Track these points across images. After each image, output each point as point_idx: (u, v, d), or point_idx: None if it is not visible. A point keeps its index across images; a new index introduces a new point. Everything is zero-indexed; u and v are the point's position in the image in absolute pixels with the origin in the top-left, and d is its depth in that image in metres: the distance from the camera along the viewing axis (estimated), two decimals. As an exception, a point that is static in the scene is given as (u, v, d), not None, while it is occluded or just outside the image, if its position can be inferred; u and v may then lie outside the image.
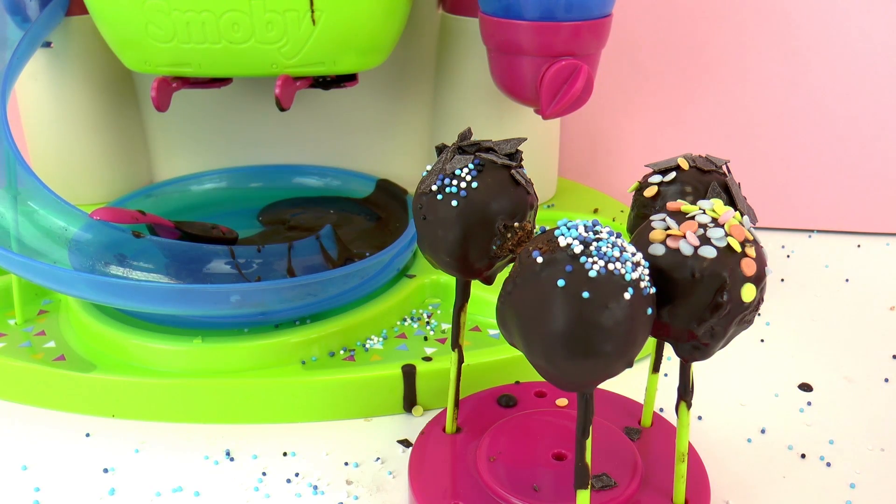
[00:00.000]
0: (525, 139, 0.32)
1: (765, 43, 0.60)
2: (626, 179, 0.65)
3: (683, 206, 0.28)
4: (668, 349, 0.44)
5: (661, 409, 0.41)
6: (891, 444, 0.39)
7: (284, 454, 0.39)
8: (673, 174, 0.32)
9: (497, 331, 0.46)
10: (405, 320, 0.47)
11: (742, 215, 0.28)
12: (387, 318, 0.46)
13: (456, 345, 0.35)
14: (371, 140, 0.60)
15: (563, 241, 0.25)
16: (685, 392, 0.31)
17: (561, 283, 0.25)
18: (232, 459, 0.39)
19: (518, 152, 0.32)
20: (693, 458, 0.35)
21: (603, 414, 0.37)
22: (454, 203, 0.30)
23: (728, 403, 0.43)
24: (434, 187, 0.31)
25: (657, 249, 0.27)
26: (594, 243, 0.25)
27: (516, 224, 0.31)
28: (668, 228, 0.27)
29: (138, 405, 0.41)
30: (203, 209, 0.57)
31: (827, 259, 0.59)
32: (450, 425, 0.37)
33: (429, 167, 0.32)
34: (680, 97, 0.63)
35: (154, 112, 0.60)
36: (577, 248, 0.25)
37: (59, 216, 0.42)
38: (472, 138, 0.32)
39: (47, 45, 0.54)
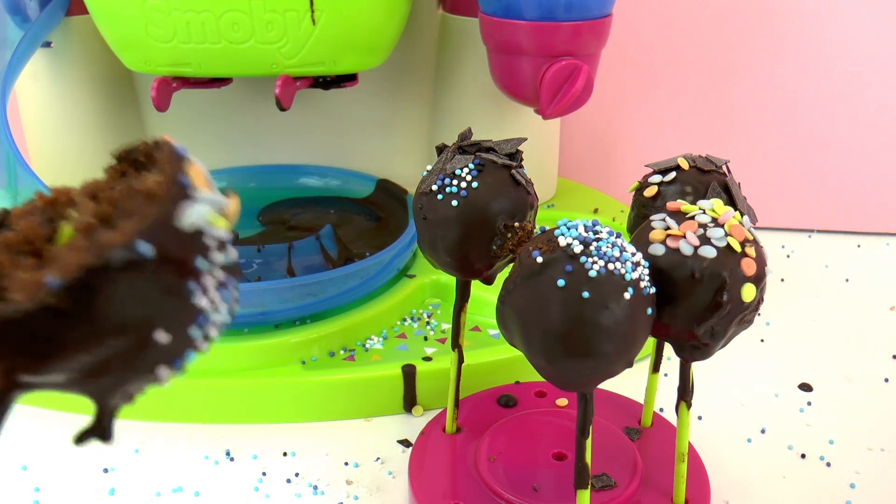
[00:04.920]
0: (525, 139, 0.32)
1: (765, 43, 0.60)
2: (626, 179, 0.65)
3: (683, 206, 0.28)
4: (668, 349, 0.44)
5: (661, 409, 0.41)
6: (891, 444, 0.39)
7: (284, 454, 0.39)
8: (673, 174, 0.32)
9: (497, 331, 0.46)
10: (405, 320, 0.47)
11: (742, 215, 0.28)
12: (387, 318, 0.46)
13: (456, 345, 0.35)
14: (371, 140, 0.60)
15: (563, 241, 0.25)
16: (685, 392, 0.31)
17: (561, 283, 0.25)
18: (232, 459, 0.39)
19: (518, 152, 0.32)
20: (693, 458, 0.35)
21: (603, 414, 0.37)
22: (454, 203, 0.30)
23: (728, 403, 0.43)
24: (434, 187, 0.31)
25: (657, 249, 0.27)
26: (594, 243, 0.25)
27: (516, 224, 0.31)
28: (668, 228, 0.27)
29: (138, 405, 0.41)
30: (203, 209, 0.57)
31: (827, 259, 0.59)
32: (450, 425, 0.37)
33: (429, 167, 0.32)
34: (680, 97, 0.63)
35: (154, 112, 0.60)
36: (577, 248, 0.25)
37: (59, 216, 0.42)
38: (472, 138, 0.32)
39: (47, 45, 0.54)
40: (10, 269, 0.15)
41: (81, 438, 0.16)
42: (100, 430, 0.16)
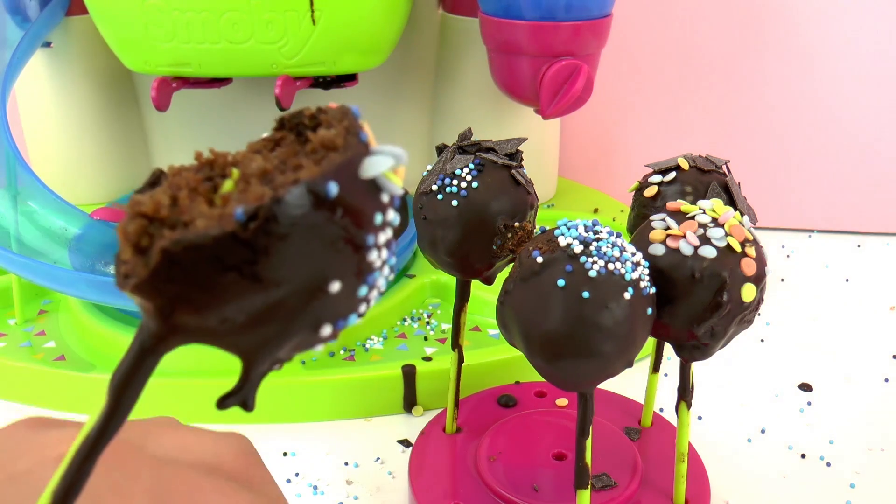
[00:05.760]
0: (525, 139, 0.32)
1: (765, 43, 0.60)
2: (626, 179, 0.65)
3: (683, 206, 0.28)
4: (668, 349, 0.44)
5: (661, 409, 0.40)
6: (891, 444, 0.39)
7: (284, 454, 0.39)
8: (673, 174, 0.32)
9: (497, 331, 0.45)
10: (405, 320, 0.47)
11: (742, 215, 0.28)
12: (387, 318, 0.46)
13: (456, 345, 0.35)
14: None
15: (563, 241, 0.25)
16: (685, 392, 0.31)
17: (561, 283, 0.25)
18: (232, 459, 0.39)
19: (518, 152, 0.32)
20: (693, 458, 0.35)
21: (603, 414, 0.37)
22: (454, 203, 0.30)
23: (728, 403, 0.43)
24: (434, 187, 0.31)
25: (657, 249, 0.27)
26: (594, 243, 0.25)
27: (516, 224, 0.31)
28: (668, 228, 0.27)
29: (138, 405, 0.41)
30: (203, 209, 0.57)
31: (827, 259, 0.59)
32: (450, 425, 0.37)
33: (429, 167, 0.32)
34: (680, 97, 0.63)
35: (154, 112, 0.60)
36: (577, 248, 0.25)
37: (59, 216, 0.42)
38: (473, 138, 0.32)
39: (47, 45, 0.54)
40: (188, 203, 0.14)
41: (223, 402, 0.16)
42: (243, 395, 0.16)
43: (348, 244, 0.14)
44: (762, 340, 0.48)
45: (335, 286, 0.14)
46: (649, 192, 0.32)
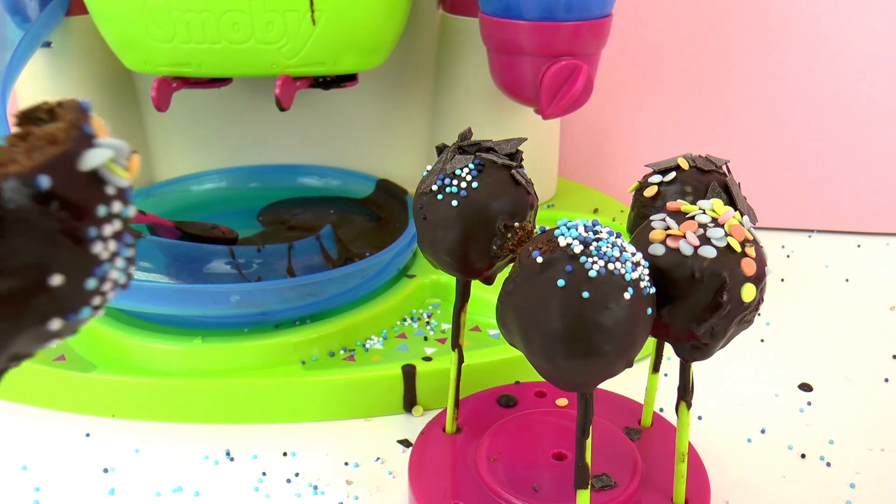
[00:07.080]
0: (525, 139, 0.32)
1: (765, 43, 0.60)
2: (626, 179, 0.65)
3: (683, 206, 0.28)
4: (668, 349, 0.44)
5: (661, 409, 0.41)
6: (891, 444, 0.39)
7: (284, 454, 0.39)
8: (673, 174, 0.32)
9: (497, 331, 0.46)
10: (405, 320, 0.47)
11: (742, 215, 0.28)
12: (387, 318, 0.46)
13: (456, 345, 0.35)
14: (371, 140, 0.60)
15: (563, 241, 0.25)
16: (685, 392, 0.31)
17: (561, 283, 0.25)
18: (232, 459, 0.39)
19: (518, 152, 0.32)
20: (693, 458, 0.35)
21: (603, 414, 0.37)
22: (454, 203, 0.30)
23: (728, 403, 0.43)
24: (434, 187, 0.31)
25: (657, 249, 0.27)
26: (594, 243, 0.25)
27: (516, 224, 0.31)
28: (668, 228, 0.27)
29: (138, 405, 0.41)
30: (203, 209, 0.57)
31: (827, 259, 0.59)
32: (450, 425, 0.37)
33: (429, 167, 0.32)
34: (680, 97, 0.63)
35: (154, 112, 0.60)
36: (577, 248, 0.25)
37: (59, 216, 0.42)
38: (473, 138, 0.32)
39: (47, 45, 0.54)
40: None
41: None
42: None
43: (67, 237, 0.14)
44: (762, 340, 0.49)
45: (56, 279, 0.14)
46: (649, 192, 0.32)
